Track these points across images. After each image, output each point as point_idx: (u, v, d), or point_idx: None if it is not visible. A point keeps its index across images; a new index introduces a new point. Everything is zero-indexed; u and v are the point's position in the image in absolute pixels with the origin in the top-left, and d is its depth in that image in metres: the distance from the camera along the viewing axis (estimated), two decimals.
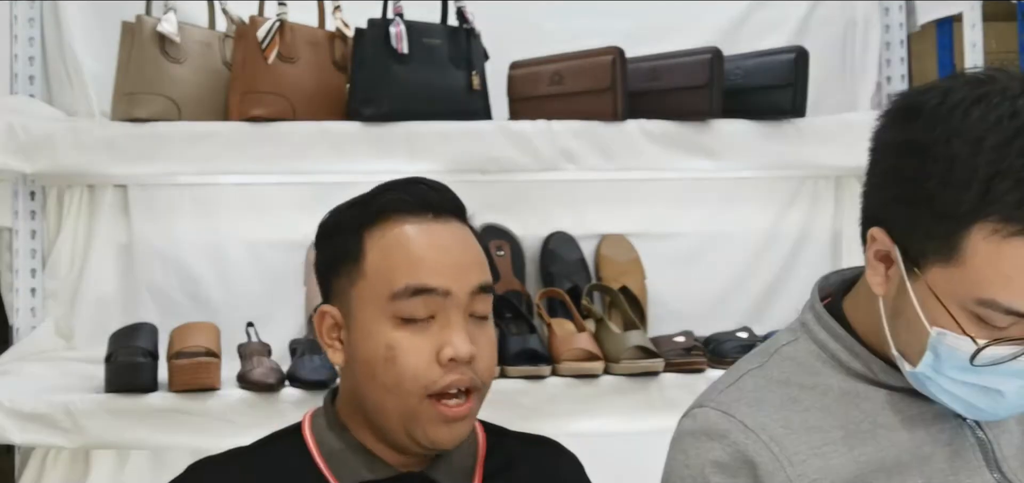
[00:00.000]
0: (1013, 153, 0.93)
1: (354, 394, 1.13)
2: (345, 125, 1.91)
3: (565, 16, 2.24)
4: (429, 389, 1.08)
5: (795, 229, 2.29)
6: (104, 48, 2.04)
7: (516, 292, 2.06)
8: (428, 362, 1.08)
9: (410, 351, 1.08)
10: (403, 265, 1.09)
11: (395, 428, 1.10)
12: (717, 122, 1.99)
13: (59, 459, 1.97)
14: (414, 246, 1.10)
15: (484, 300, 1.13)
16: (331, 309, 1.14)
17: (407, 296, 1.08)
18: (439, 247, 1.11)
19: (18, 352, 1.98)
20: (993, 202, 0.93)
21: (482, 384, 1.12)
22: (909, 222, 1.00)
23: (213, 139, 1.87)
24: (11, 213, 2.06)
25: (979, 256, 0.95)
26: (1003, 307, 0.95)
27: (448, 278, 1.09)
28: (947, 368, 1.00)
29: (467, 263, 1.12)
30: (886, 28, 2.30)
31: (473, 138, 1.94)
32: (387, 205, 1.13)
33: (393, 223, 1.12)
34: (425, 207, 1.13)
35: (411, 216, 1.12)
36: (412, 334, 1.09)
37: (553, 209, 2.23)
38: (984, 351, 0.97)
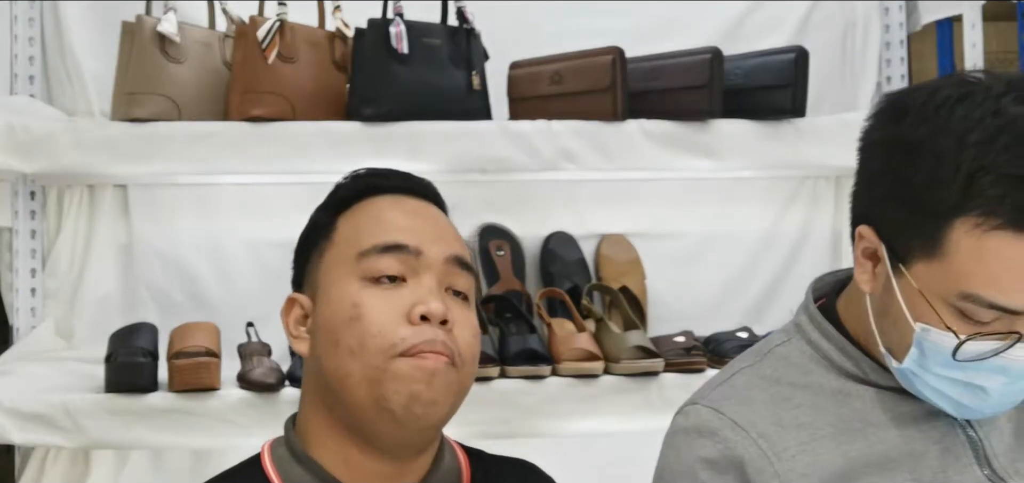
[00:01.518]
0: (995, 150, 0.94)
1: (319, 388, 1.05)
2: (345, 125, 1.91)
3: (565, 16, 2.24)
4: (397, 348, 0.99)
5: (795, 229, 2.29)
6: (104, 48, 2.04)
7: (516, 292, 2.06)
8: (396, 319, 1.00)
9: (376, 308, 1.00)
10: (373, 225, 1.06)
11: (362, 403, 1.00)
12: (717, 122, 1.99)
13: (59, 459, 1.97)
14: (386, 210, 1.08)
15: (463, 276, 1.07)
16: (299, 296, 1.09)
17: (376, 253, 1.03)
18: (413, 213, 1.08)
19: (18, 352, 1.98)
20: (975, 197, 0.95)
21: (460, 359, 1.02)
22: (895, 219, 1.02)
23: (213, 139, 1.87)
24: (11, 213, 2.06)
25: (961, 251, 0.96)
26: (985, 301, 0.97)
27: (421, 239, 1.04)
28: (932, 364, 1.02)
29: (443, 232, 1.08)
30: (886, 28, 2.30)
31: (473, 138, 1.94)
32: (363, 188, 1.11)
33: (368, 199, 1.10)
34: (401, 188, 1.11)
35: (387, 193, 1.10)
36: (381, 292, 1.02)
37: (553, 209, 2.23)
38: (966, 346, 0.99)
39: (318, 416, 1.06)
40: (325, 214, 1.11)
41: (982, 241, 0.95)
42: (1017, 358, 0.99)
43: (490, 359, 1.83)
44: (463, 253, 1.08)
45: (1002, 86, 0.98)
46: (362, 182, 1.12)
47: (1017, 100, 0.97)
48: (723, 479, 1.07)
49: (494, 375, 1.83)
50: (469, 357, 1.05)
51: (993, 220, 0.95)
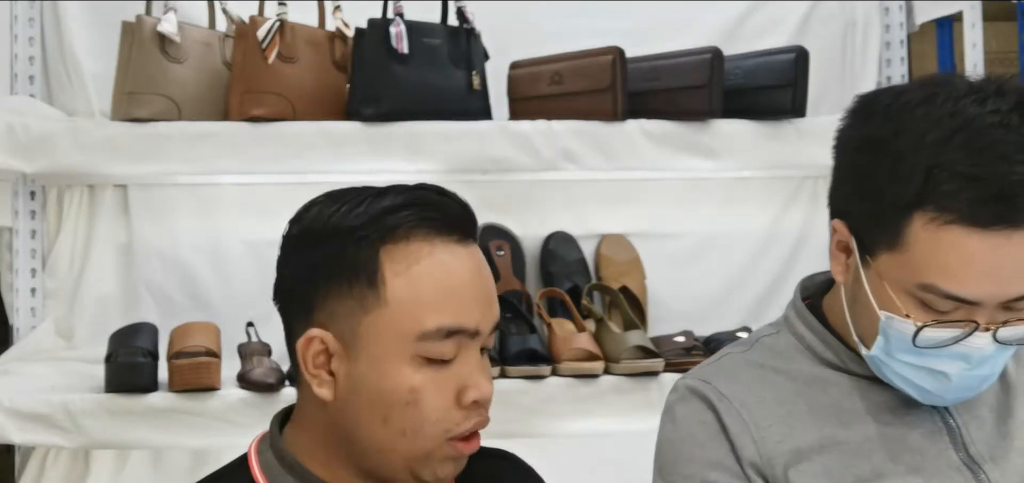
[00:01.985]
0: (951, 148, 0.99)
1: (338, 433, 1.00)
2: (345, 125, 1.91)
3: (565, 16, 2.24)
4: (450, 432, 0.98)
5: (795, 229, 2.29)
6: (104, 48, 2.04)
7: (516, 292, 2.06)
8: (449, 405, 0.98)
9: (433, 393, 0.97)
10: (436, 301, 0.97)
11: (397, 470, 1.00)
12: (717, 122, 1.99)
13: (59, 459, 1.97)
14: (448, 280, 0.98)
15: (494, 337, 1.05)
16: (324, 336, 0.98)
17: (440, 338, 0.97)
18: (471, 280, 0.99)
19: (18, 352, 1.98)
20: (931, 193, 1.00)
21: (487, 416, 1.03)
22: (862, 213, 1.08)
23: (213, 139, 1.87)
24: (11, 213, 2.06)
25: (920, 243, 1.01)
26: (942, 291, 1.02)
27: (479, 316, 0.99)
28: (896, 351, 1.07)
29: (492, 296, 1.02)
30: (886, 28, 2.30)
31: (473, 138, 1.94)
32: (411, 220, 0.98)
33: (419, 243, 0.97)
34: (452, 227, 1.00)
35: (438, 237, 0.98)
36: (436, 375, 0.98)
37: (553, 209, 2.23)
38: (925, 333, 1.03)
39: (323, 443, 1.02)
40: (360, 240, 0.97)
41: (938, 234, 1.00)
42: (976, 346, 1.03)
43: (490, 359, 1.82)
44: (498, 313, 1.04)
45: (965, 88, 1.03)
46: (410, 214, 0.98)
47: (977, 102, 1.01)
48: (717, 440, 1.13)
49: (494, 375, 1.83)
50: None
51: (948, 215, 0.99)
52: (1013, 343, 1.05)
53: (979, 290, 1.01)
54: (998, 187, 0.98)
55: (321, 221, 1.00)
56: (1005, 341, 1.04)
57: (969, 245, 0.99)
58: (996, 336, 1.03)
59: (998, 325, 1.03)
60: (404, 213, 0.98)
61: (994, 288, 1.01)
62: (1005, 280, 1.01)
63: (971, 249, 0.99)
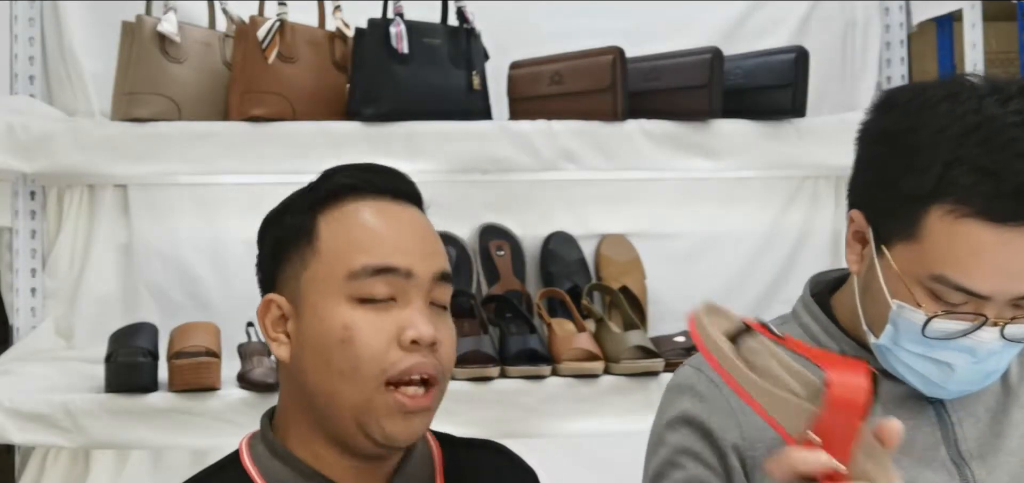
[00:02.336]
0: (971, 143, 1.02)
1: (301, 395, 1.05)
2: (345, 125, 1.91)
3: (565, 16, 2.24)
4: (388, 373, 1.00)
5: (795, 229, 2.29)
6: (104, 48, 2.04)
7: (516, 292, 2.06)
8: (387, 343, 1.01)
9: (369, 331, 1.01)
10: (363, 242, 1.04)
11: (346, 423, 1.02)
12: (717, 122, 1.99)
13: (59, 459, 1.97)
14: (373, 222, 1.05)
15: (445, 289, 1.07)
16: (277, 299, 1.07)
17: (367, 275, 1.02)
18: (399, 224, 1.06)
19: (18, 352, 1.98)
20: (949, 185, 1.02)
21: (442, 376, 1.05)
22: (879, 203, 1.10)
23: (213, 139, 1.87)
24: (11, 213, 2.06)
25: (934, 235, 1.03)
26: (953, 283, 1.03)
27: (411, 258, 1.04)
28: (904, 340, 1.08)
29: (430, 245, 1.07)
30: (886, 28, 2.30)
31: (473, 138, 1.94)
32: (342, 187, 1.07)
33: (352, 204, 1.06)
34: (383, 190, 1.08)
35: (371, 197, 1.07)
36: (371, 314, 1.02)
37: (553, 209, 2.23)
38: (934, 324, 1.05)
39: (297, 417, 1.07)
40: (302, 214, 1.08)
41: (953, 227, 1.02)
42: (983, 340, 1.05)
43: (490, 359, 1.83)
44: (446, 266, 1.08)
45: (987, 88, 1.05)
46: (342, 179, 1.08)
47: (999, 102, 1.03)
48: (689, 436, 1.16)
49: (494, 375, 1.83)
50: (450, 368, 1.07)
51: (964, 208, 1.01)
52: (1020, 341, 1.06)
53: (989, 284, 1.03)
54: (1015, 184, 1.00)
55: (275, 208, 1.12)
56: (1012, 338, 1.06)
57: (982, 239, 1.01)
58: (1003, 332, 1.05)
59: (1006, 321, 1.04)
60: (339, 179, 1.08)
61: (1004, 283, 1.03)
62: (1015, 276, 1.02)
63: (984, 243, 1.01)
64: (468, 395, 1.80)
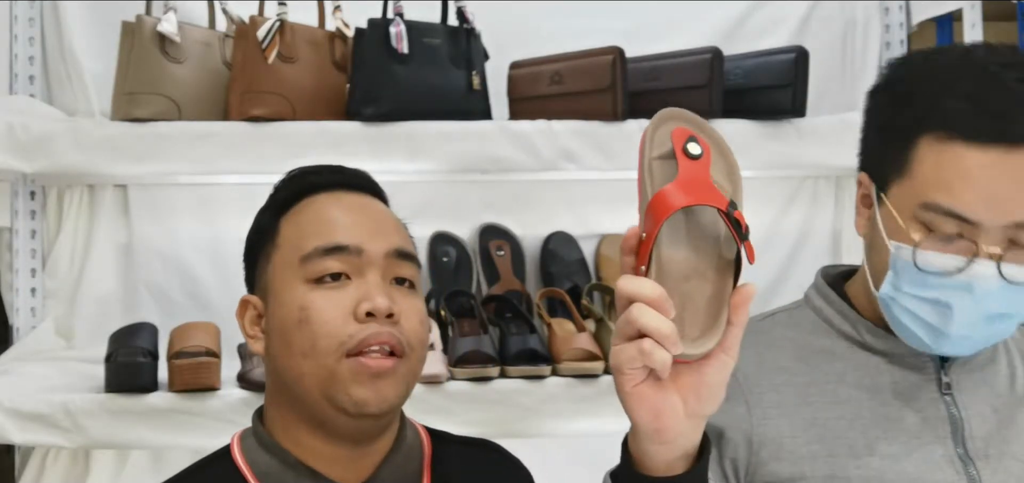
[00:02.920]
0: (960, 79, 1.06)
1: (278, 384, 1.09)
2: (345, 125, 1.91)
3: (565, 16, 2.24)
4: (346, 345, 1.02)
5: (795, 229, 2.29)
6: (104, 48, 2.04)
7: (516, 292, 2.06)
8: (343, 318, 1.03)
9: (324, 309, 1.04)
10: (314, 227, 1.08)
11: (316, 399, 1.04)
12: (717, 122, 1.99)
13: (59, 459, 1.97)
14: (325, 210, 1.10)
15: (406, 266, 1.10)
16: (252, 298, 1.13)
17: (318, 255, 1.06)
18: (350, 209, 1.11)
19: (18, 352, 1.98)
20: (937, 113, 1.06)
21: (408, 347, 1.06)
22: (877, 148, 1.14)
23: (213, 139, 1.87)
24: (11, 213, 2.06)
25: (924, 164, 1.07)
26: (943, 209, 1.05)
27: (361, 236, 1.07)
28: (903, 283, 1.09)
29: (382, 226, 1.11)
30: (886, 28, 2.30)
31: (473, 138, 1.94)
32: (301, 187, 1.13)
33: (307, 200, 1.12)
34: (336, 183, 1.13)
35: (323, 191, 1.12)
36: (326, 292, 1.05)
37: (553, 209, 2.23)
38: (928, 257, 1.06)
39: (280, 409, 1.10)
40: (267, 217, 1.14)
41: (941, 153, 1.06)
42: (978, 274, 1.05)
43: (490, 359, 1.83)
44: (404, 244, 1.11)
45: (984, 50, 1.10)
46: (299, 182, 1.14)
47: (988, 51, 1.09)
48: None
49: (494, 375, 1.83)
50: (417, 343, 1.07)
51: (951, 133, 1.05)
52: (1018, 283, 1.05)
53: (977, 208, 1.04)
54: (1000, 107, 1.03)
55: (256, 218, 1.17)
56: (1011, 278, 1.05)
57: (969, 162, 1.04)
58: (1002, 271, 1.05)
59: (1000, 256, 1.05)
60: (297, 181, 1.14)
61: (992, 206, 1.04)
62: (1004, 199, 1.04)
63: (970, 166, 1.04)
64: (468, 395, 1.80)
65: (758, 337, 1.22)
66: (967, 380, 1.18)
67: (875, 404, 1.15)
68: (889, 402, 1.16)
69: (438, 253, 2.12)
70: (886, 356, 1.18)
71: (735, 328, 0.89)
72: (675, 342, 0.85)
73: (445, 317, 1.95)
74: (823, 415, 1.15)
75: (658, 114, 0.99)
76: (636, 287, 0.86)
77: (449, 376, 1.82)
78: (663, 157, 0.96)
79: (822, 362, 1.19)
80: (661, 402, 0.88)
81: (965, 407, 1.16)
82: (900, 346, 1.17)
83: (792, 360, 1.20)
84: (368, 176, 1.17)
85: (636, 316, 0.85)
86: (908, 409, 1.15)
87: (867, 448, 1.13)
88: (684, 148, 0.95)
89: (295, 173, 1.16)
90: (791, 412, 1.16)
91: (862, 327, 1.19)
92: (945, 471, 1.12)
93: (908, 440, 1.14)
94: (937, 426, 1.15)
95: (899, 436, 1.14)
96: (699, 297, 0.89)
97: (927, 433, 1.14)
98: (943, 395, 1.16)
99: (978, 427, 1.15)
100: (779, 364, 1.19)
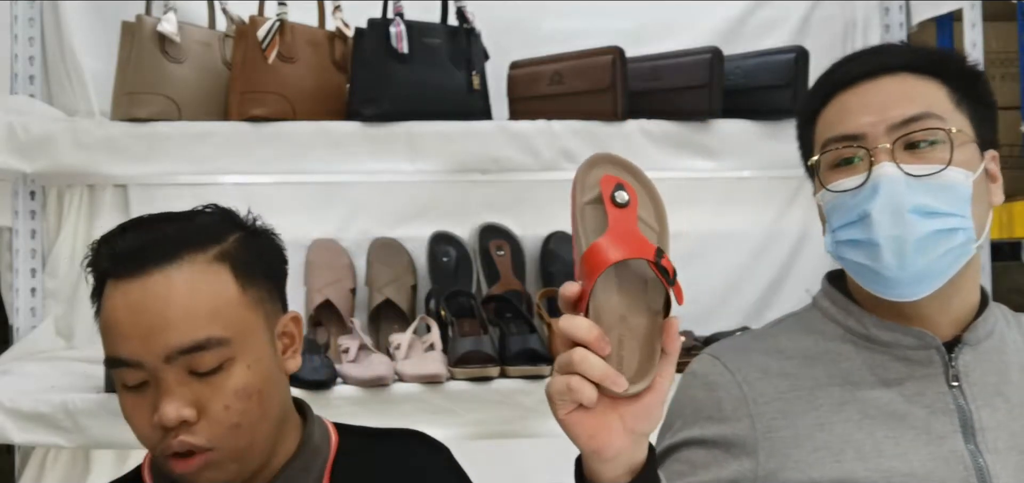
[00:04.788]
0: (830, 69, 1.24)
1: None
2: (345, 125, 1.91)
3: (565, 16, 2.24)
4: (157, 448, 1.06)
5: (795, 229, 2.29)
6: (104, 48, 2.04)
7: (516, 292, 2.06)
8: (150, 426, 1.05)
9: (134, 415, 1.07)
10: (107, 334, 1.07)
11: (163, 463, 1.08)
12: (717, 122, 1.99)
13: (59, 459, 1.97)
14: (110, 317, 1.06)
15: (198, 358, 1.05)
16: None
17: (112, 367, 1.07)
18: (131, 310, 1.05)
19: (18, 352, 1.98)
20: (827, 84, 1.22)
21: (212, 441, 1.05)
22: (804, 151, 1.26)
23: (213, 139, 1.87)
24: (11, 213, 2.06)
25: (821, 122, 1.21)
26: (835, 137, 1.17)
27: (136, 348, 1.04)
28: (833, 223, 1.17)
29: (161, 325, 1.04)
30: (886, 28, 2.30)
31: (473, 138, 1.94)
32: (103, 269, 1.09)
33: (109, 286, 1.08)
34: (121, 265, 1.06)
35: (113, 277, 1.07)
36: (133, 398, 1.06)
37: (553, 209, 2.23)
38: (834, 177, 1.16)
39: None
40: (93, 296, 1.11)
41: (829, 107, 1.20)
42: (881, 175, 1.12)
43: (490, 359, 1.83)
44: (189, 337, 1.04)
45: None
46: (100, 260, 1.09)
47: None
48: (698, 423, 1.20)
49: (494, 375, 1.83)
50: (227, 428, 1.06)
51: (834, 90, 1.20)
52: (921, 176, 1.11)
53: (857, 121, 1.15)
54: (864, 55, 1.21)
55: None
56: (912, 172, 1.11)
57: (845, 100, 1.18)
58: (900, 166, 1.11)
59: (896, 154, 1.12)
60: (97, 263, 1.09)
61: (870, 113, 1.15)
62: (879, 107, 1.15)
63: (847, 101, 1.18)
64: (468, 395, 1.80)
65: (765, 342, 1.24)
66: (975, 369, 1.18)
67: (883, 402, 1.16)
68: (896, 399, 1.16)
69: (438, 253, 2.12)
70: (892, 350, 1.18)
71: (669, 357, 0.94)
72: (615, 381, 0.91)
73: (445, 317, 1.95)
74: (830, 418, 1.16)
75: (588, 158, 1.04)
76: (574, 327, 0.92)
77: (449, 376, 1.82)
78: (593, 202, 1.00)
79: (829, 363, 1.20)
80: (596, 425, 0.93)
81: (973, 398, 1.16)
82: (906, 338, 1.17)
83: (798, 365, 1.20)
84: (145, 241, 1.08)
85: (577, 360, 0.91)
86: (915, 404, 1.15)
87: (875, 449, 1.13)
88: (611, 197, 1.00)
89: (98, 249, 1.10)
90: (796, 419, 1.16)
91: (868, 321, 1.20)
92: (954, 466, 1.12)
93: (916, 436, 1.14)
94: (945, 420, 1.15)
95: (906, 433, 1.14)
96: (634, 336, 0.94)
97: (935, 427, 1.14)
98: (951, 387, 1.16)
99: (987, 419, 1.15)
100: (784, 371, 1.20)
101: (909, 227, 1.10)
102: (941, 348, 1.17)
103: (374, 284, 2.04)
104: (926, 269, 1.12)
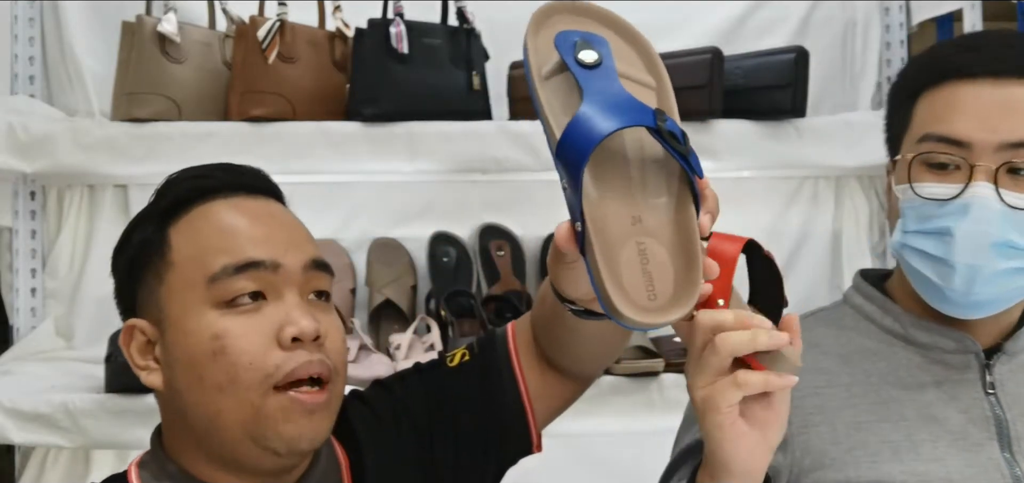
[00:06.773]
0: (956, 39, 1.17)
1: (181, 420, 0.96)
2: (345, 125, 1.91)
3: None
4: (274, 377, 0.91)
5: (795, 229, 2.29)
6: (104, 48, 2.05)
7: (516, 292, 2.05)
8: (267, 346, 0.91)
9: (243, 335, 0.91)
10: (219, 242, 0.94)
11: (238, 440, 0.92)
12: (717, 122, 1.99)
13: (59, 459, 1.97)
14: (226, 219, 0.95)
15: (324, 278, 0.98)
16: (140, 323, 0.97)
17: (228, 275, 0.92)
18: (257, 217, 0.96)
19: (18, 352, 1.98)
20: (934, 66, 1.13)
21: (335, 374, 0.95)
22: (890, 127, 1.20)
23: (213, 139, 1.87)
24: (11, 213, 2.06)
25: (922, 108, 1.13)
26: (937, 136, 1.10)
27: (275, 250, 0.94)
28: (909, 222, 1.12)
29: (295, 235, 0.98)
30: (886, 28, 2.30)
31: (473, 138, 1.94)
32: (189, 191, 0.98)
33: (200, 208, 0.97)
34: (233, 187, 0.99)
35: (218, 198, 0.97)
36: (242, 316, 0.92)
37: (553, 209, 2.22)
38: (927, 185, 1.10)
39: (184, 443, 0.98)
40: (150, 227, 0.99)
41: (936, 95, 1.12)
42: (977, 195, 1.07)
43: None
44: (318, 253, 0.98)
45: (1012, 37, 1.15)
46: (188, 185, 0.99)
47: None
48: None
49: None
50: (342, 365, 0.97)
51: (944, 76, 1.12)
52: (1018, 208, 1.07)
53: (967, 128, 1.08)
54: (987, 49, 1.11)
55: (126, 229, 1.03)
56: (1010, 202, 1.06)
57: (958, 93, 1.10)
58: (1000, 194, 1.06)
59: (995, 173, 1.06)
60: (183, 184, 0.99)
61: (982, 126, 1.07)
62: (993, 120, 1.07)
63: (959, 95, 1.10)
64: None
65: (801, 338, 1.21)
66: (1011, 379, 1.16)
67: (919, 404, 1.14)
68: (933, 402, 1.14)
69: (438, 253, 2.12)
70: (929, 353, 1.17)
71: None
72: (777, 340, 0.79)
73: (445, 317, 1.95)
74: (866, 417, 1.14)
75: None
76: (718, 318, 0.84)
77: None
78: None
79: (864, 361, 1.18)
80: (753, 440, 0.88)
81: (1009, 407, 1.14)
82: (944, 340, 1.16)
83: (834, 361, 1.19)
84: (267, 176, 1.03)
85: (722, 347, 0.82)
86: (952, 409, 1.14)
87: (912, 451, 1.12)
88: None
89: (180, 175, 1.00)
90: (833, 416, 1.14)
91: (906, 320, 1.18)
92: (990, 473, 1.10)
93: (952, 441, 1.12)
94: (981, 426, 1.13)
95: (943, 437, 1.12)
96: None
97: (972, 434, 1.12)
98: (987, 394, 1.15)
99: (1023, 429, 1.14)
100: (820, 366, 1.18)
101: (988, 261, 1.08)
102: (980, 354, 1.16)
103: (374, 284, 2.04)
104: (992, 299, 1.11)
